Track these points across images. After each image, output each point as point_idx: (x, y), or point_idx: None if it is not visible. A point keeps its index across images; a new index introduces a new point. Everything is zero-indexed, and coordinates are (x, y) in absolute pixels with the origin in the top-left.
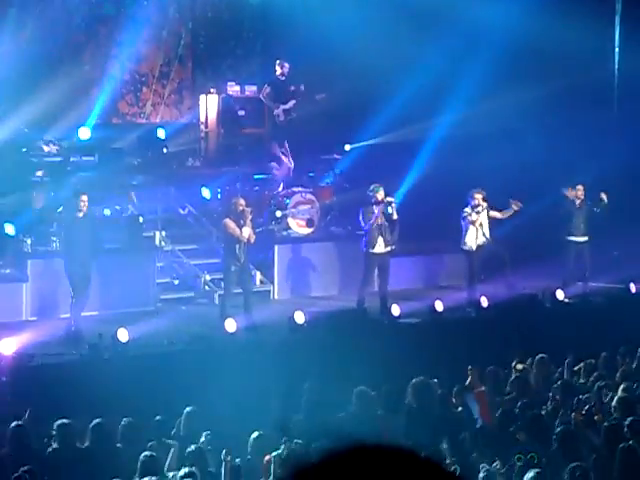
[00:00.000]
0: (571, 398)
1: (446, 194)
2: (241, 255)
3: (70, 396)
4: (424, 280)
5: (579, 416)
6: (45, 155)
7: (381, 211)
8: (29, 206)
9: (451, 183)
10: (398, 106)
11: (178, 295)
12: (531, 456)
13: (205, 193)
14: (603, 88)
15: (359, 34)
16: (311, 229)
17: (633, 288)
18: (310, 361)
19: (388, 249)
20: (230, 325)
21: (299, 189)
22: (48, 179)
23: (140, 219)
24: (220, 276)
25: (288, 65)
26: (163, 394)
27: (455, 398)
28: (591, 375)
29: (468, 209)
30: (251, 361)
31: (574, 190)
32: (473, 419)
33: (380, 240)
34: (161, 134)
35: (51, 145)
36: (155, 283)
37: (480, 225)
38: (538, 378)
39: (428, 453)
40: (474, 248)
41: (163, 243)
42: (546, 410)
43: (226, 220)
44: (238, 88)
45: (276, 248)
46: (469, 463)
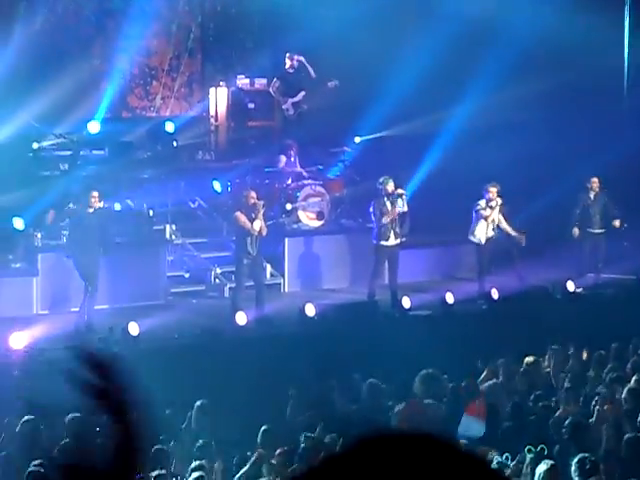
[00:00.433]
0: (582, 390)
1: (456, 186)
2: (253, 248)
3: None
4: (435, 272)
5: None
6: (55, 149)
7: (393, 204)
8: (38, 200)
9: (461, 175)
10: (407, 99)
11: (188, 288)
12: (541, 448)
13: (216, 186)
14: (613, 79)
15: (369, 25)
16: (321, 222)
17: None
18: (320, 354)
19: (398, 241)
20: (241, 318)
21: (309, 182)
22: (58, 173)
23: (150, 213)
24: (230, 269)
25: (299, 57)
26: (174, 388)
27: (465, 390)
28: (602, 367)
29: (483, 202)
30: (262, 354)
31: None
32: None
33: (391, 233)
34: (170, 128)
35: (61, 139)
36: (165, 277)
37: (492, 221)
38: (550, 370)
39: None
40: (483, 241)
41: (173, 237)
42: (557, 402)
43: (237, 213)
44: (248, 81)
45: (286, 241)
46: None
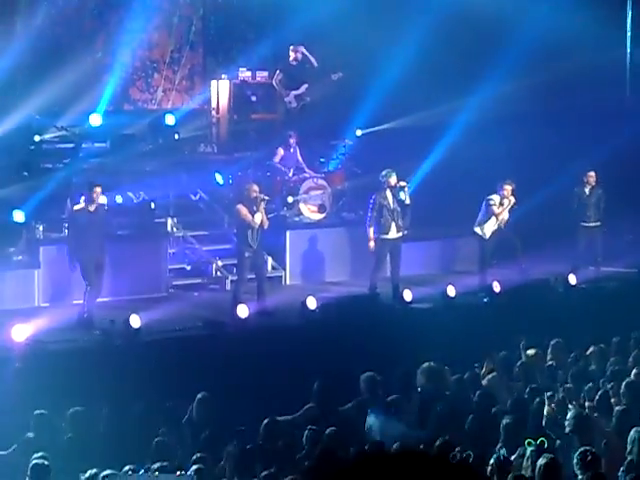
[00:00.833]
0: (583, 383)
1: (457, 179)
2: (254, 241)
3: (82, 382)
4: (436, 265)
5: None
6: (57, 142)
7: (395, 197)
8: (39, 193)
9: (463, 168)
10: (408, 91)
11: (190, 281)
12: (541, 441)
13: (219, 179)
14: (615, 71)
15: (371, 16)
16: (323, 214)
17: None
18: (321, 347)
19: (400, 234)
20: (242, 311)
21: (311, 174)
22: (60, 165)
23: (152, 205)
24: (232, 262)
25: (303, 50)
26: (175, 380)
27: (467, 383)
28: (604, 360)
29: (497, 198)
30: (263, 346)
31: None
32: (485, 404)
33: (393, 226)
34: (170, 120)
35: (63, 131)
36: (167, 269)
37: (502, 220)
38: (551, 363)
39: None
40: (487, 236)
41: (175, 229)
42: (557, 395)
43: (238, 206)
44: (249, 73)
45: (288, 234)
46: (480, 448)
